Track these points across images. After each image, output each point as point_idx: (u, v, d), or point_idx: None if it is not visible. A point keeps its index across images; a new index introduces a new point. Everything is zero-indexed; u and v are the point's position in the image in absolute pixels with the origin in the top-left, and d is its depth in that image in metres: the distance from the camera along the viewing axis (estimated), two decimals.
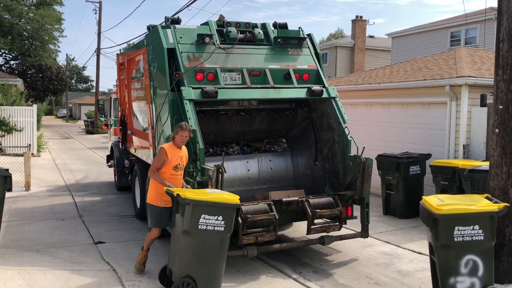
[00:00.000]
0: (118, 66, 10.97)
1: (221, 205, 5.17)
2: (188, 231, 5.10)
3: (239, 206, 5.37)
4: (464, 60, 10.74)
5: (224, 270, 6.22)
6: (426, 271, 6.21)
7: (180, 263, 5.23)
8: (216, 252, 5.23)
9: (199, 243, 5.15)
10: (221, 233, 5.16)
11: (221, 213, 5.13)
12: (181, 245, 5.19)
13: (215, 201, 5.18)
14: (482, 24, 21.66)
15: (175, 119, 6.62)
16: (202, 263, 5.22)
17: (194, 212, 5.06)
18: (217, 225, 5.14)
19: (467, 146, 9.15)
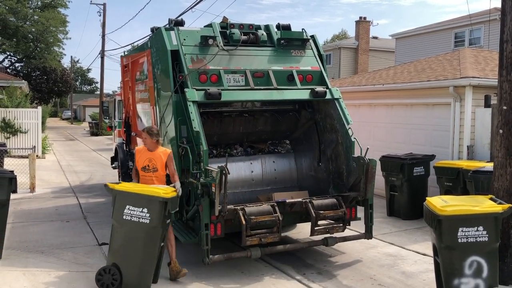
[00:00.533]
0: (122, 68, 11.00)
1: (145, 197, 5.31)
2: (115, 220, 5.38)
3: (166, 200, 5.32)
4: (468, 60, 10.72)
5: (227, 270, 6.26)
6: (430, 273, 6.20)
7: (109, 251, 5.53)
8: (141, 244, 5.33)
9: (124, 233, 5.36)
10: (146, 226, 5.26)
11: (146, 206, 5.26)
12: (111, 234, 5.50)
13: (138, 192, 5.34)
14: (487, 25, 21.58)
15: (178, 121, 6.64)
16: (127, 253, 5.38)
17: (118, 202, 5.34)
18: (142, 217, 5.28)
19: (471, 147, 9.13)
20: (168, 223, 5.65)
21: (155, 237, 5.36)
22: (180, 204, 6.90)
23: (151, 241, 5.36)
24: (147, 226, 5.26)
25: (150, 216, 5.26)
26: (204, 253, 5.86)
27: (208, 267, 6.18)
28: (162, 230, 5.45)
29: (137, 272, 5.37)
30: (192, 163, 6.26)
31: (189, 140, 6.54)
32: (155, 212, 5.27)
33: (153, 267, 5.50)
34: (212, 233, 6.00)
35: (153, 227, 5.30)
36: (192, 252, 7.03)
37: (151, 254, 5.40)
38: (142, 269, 5.38)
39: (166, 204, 5.34)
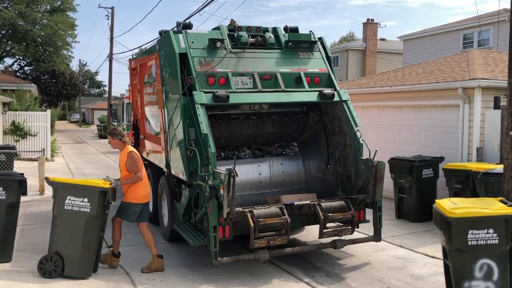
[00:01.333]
0: (131, 71, 11.07)
1: (85, 187, 5.86)
2: (56, 211, 5.90)
3: (105, 189, 5.88)
4: (477, 62, 10.65)
5: (235, 273, 6.26)
6: (440, 275, 6.16)
7: (52, 241, 5.95)
8: (82, 232, 5.85)
9: (65, 222, 5.87)
10: (87, 214, 5.82)
11: (86, 195, 5.81)
12: (52, 224, 5.99)
13: (79, 183, 5.92)
14: (496, 26, 21.46)
15: (187, 123, 6.66)
16: (69, 241, 5.86)
17: (59, 193, 5.87)
18: (82, 207, 5.83)
19: (481, 149, 9.06)
20: (106, 213, 6.16)
21: (94, 225, 5.91)
22: (188, 207, 6.95)
23: (91, 229, 5.89)
24: (88, 214, 5.82)
25: (91, 206, 5.81)
26: (213, 255, 5.86)
27: (216, 269, 6.19)
28: (101, 219, 5.99)
29: (78, 260, 5.87)
30: (200, 166, 6.28)
31: (197, 142, 6.56)
32: (95, 202, 5.81)
33: (94, 254, 5.98)
34: (220, 235, 6.00)
35: (93, 216, 5.84)
36: (201, 254, 7.04)
37: (91, 242, 5.91)
38: (83, 256, 5.89)
39: (105, 194, 5.88)
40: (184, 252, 7.28)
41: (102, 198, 5.86)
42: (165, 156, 7.73)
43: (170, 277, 6.15)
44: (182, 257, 7.09)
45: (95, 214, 5.84)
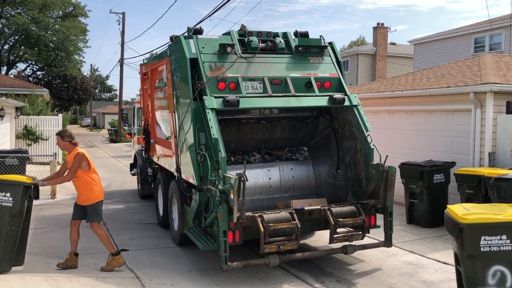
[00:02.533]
0: (142, 76, 11.14)
1: (8, 182, 6.17)
2: None
3: (27, 185, 6.22)
4: (488, 66, 10.57)
5: (245, 278, 6.26)
6: (452, 282, 6.10)
7: None
8: (5, 226, 6.10)
9: None
10: (9, 209, 6.12)
11: (8, 190, 6.11)
12: None
13: (1, 178, 6.25)
14: (507, 30, 21.30)
15: (197, 128, 6.69)
16: None
17: None
18: (4, 201, 6.12)
19: (493, 154, 8.97)
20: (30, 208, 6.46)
21: (16, 219, 6.18)
22: (198, 211, 6.97)
23: (13, 223, 6.16)
24: (9, 208, 6.10)
25: (13, 200, 6.11)
26: (223, 260, 5.86)
27: (226, 274, 6.19)
28: (23, 213, 6.27)
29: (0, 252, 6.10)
30: (210, 170, 6.29)
31: (207, 147, 6.58)
32: (17, 196, 6.11)
33: (14, 248, 6.20)
34: (230, 240, 6.00)
35: (14, 210, 6.12)
36: (211, 258, 7.04)
37: (13, 235, 6.16)
38: (4, 249, 6.13)
39: (27, 189, 6.22)
40: (194, 256, 7.29)
41: (24, 193, 6.19)
42: (176, 161, 7.76)
43: (180, 282, 6.16)
44: (192, 261, 7.10)
45: (17, 208, 6.13)
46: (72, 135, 6.72)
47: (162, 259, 7.17)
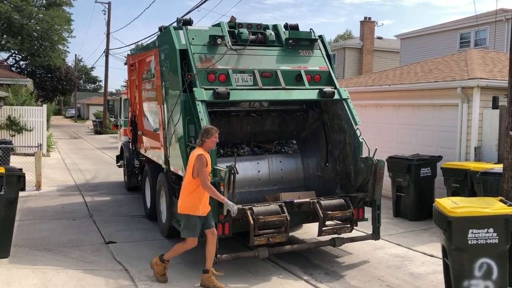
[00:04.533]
0: (129, 67, 11.02)
1: None
2: None
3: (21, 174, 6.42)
4: (475, 62, 10.68)
5: (234, 270, 6.27)
6: (438, 274, 6.19)
7: None
8: None
9: None
10: None
11: None
12: None
13: None
14: (492, 26, 21.53)
15: (187, 120, 6.64)
16: None
17: None
18: None
19: (479, 148, 9.09)
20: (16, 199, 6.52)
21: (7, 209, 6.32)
22: None
23: None
24: None
25: None
26: None
27: (215, 266, 6.16)
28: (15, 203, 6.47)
29: None
30: None
31: None
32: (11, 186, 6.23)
33: None
34: (220, 232, 6.00)
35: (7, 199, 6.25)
36: (199, 251, 6.99)
37: None
38: None
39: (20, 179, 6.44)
40: None
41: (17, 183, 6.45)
42: (164, 153, 7.71)
43: (169, 274, 6.13)
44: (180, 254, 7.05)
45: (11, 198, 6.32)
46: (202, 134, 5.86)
47: (151, 252, 7.12)
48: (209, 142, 5.70)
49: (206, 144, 5.69)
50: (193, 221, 5.63)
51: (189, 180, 5.60)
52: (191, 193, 5.61)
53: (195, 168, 5.51)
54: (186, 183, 5.66)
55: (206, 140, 5.67)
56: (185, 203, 5.65)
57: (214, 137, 5.72)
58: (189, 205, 5.62)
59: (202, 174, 5.49)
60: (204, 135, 5.69)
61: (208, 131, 5.70)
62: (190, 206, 5.61)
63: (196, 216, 5.62)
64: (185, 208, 5.64)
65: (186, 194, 5.65)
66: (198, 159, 5.51)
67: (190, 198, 5.62)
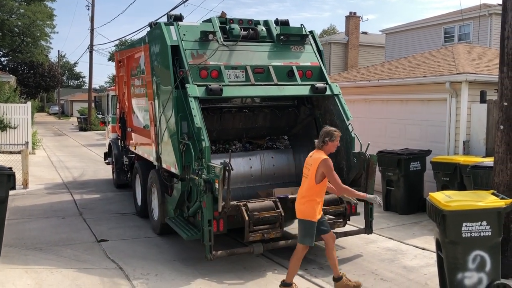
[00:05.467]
0: (117, 63, 10.91)
1: None
2: None
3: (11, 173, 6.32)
4: (462, 56, 10.81)
5: (229, 266, 6.28)
6: (431, 267, 6.28)
7: None
8: None
9: None
10: None
11: None
12: None
13: None
14: (476, 21, 21.80)
15: (179, 117, 6.60)
16: None
17: None
18: None
19: (467, 142, 9.22)
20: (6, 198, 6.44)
21: None
22: (180, 200, 6.91)
23: None
24: None
25: None
26: (207, 249, 5.84)
27: (210, 262, 6.18)
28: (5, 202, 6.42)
29: None
30: (194, 159, 6.24)
31: (190, 136, 6.51)
32: None
33: None
34: (215, 229, 5.99)
35: None
36: (193, 248, 7.02)
37: None
38: None
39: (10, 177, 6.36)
40: (176, 246, 7.25)
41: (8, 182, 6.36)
42: (156, 150, 7.65)
43: (164, 272, 6.12)
44: (174, 251, 7.06)
45: None
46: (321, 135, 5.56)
47: (144, 249, 7.10)
48: (332, 145, 5.41)
49: (328, 147, 5.39)
50: (313, 228, 5.39)
51: (312, 185, 5.30)
52: (312, 198, 5.34)
53: (319, 173, 5.23)
54: (307, 188, 5.36)
55: (329, 143, 5.37)
56: (307, 209, 5.35)
57: (337, 141, 5.44)
58: (311, 210, 5.33)
59: (333, 178, 5.25)
60: (327, 137, 5.36)
61: (331, 134, 5.38)
62: (312, 212, 5.34)
63: (315, 222, 5.39)
64: (307, 214, 5.36)
65: (307, 199, 5.37)
66: (324, 163, 5.20)
67: (311, 204, 5.34)
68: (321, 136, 5.41)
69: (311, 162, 5.34)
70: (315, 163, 5.25)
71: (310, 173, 5.30)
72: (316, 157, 5.30)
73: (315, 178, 5.26)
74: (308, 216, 5.35)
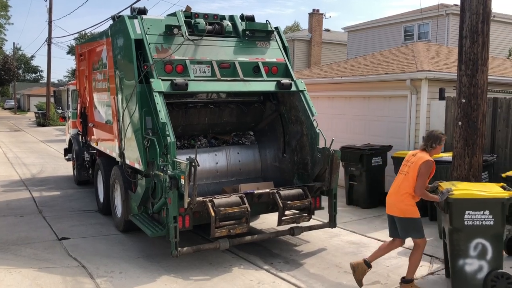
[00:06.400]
0: (77, 56, 10.62)
1: None
2: None
3: None
4: (422, 54, 11.12)
5: (195, 262, 6.26)
6: (393, 259, 6.47)
7: None
8: None
9: None
10: None
11: None
12: None
13: None
14: (434, 20, 22.47)
15: (143, 112, 6.50)
16: None
17: None
18: None
19: None
20: None
21: None
22: (145, 197, 6.82)
23: None
24: None
25: None
26: (173, 245, 5.80)
27: (176, 259, 6.13)
28: None
29: None
30: (159, 155, 6.16)
31: (154, 131, 6.42)
32: None
33: None
34: (180, 225, 5.94)
35: None
36: (158, 244, 6.95)
37: None
38: None
39: None
40: (140, 243, 7.15)
41: None
42: (119, 145, 7.51)
43: (129, 269, 6.03)
44: (138, 248, 6.96)
45: None
46: None
47: (107, 247, 6.97)
48: (438, 149, 5.49)
49: (435, 150, 5.47)
50: (419, 222, 5.38)
51: (413, 183, 5.31)
52: (413, 195, 5.35)
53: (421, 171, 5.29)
54: (407, 186, 5.34)
55: (437, 147, 5.44)
56: (407, 207, 5.34)
57: (442, 145, 5.53)
58: (413, 208, 5.34)
59: (422, 180, 5.28)
60: (436, 141, 5.41)
61: (440, 138, 5.43)
62: (414, 209, 5.34)
63: (419, 217, 5.37)
64: (409, 212, 5.33)
65: (409, 197, 5.34)
66: (426, 164, 5.27)
67: (413, 202, 5.35)
68: (430, 140, 5.45)
69: (414, 160, 5.39)
70: (419, 162, 5.31)
71: (411, 170, 5.33)
72: (421, 156, 5.36)
73: (416, 177, 5.30)
74: (411, 214, 5.33)
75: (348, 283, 5.75)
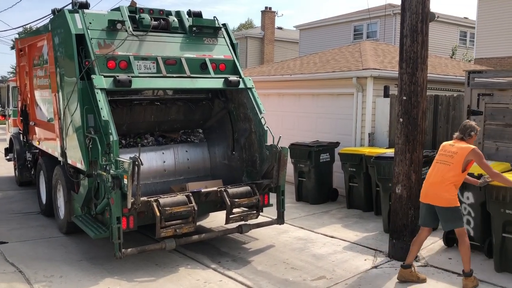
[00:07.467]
0: (17, 52, 10.14)
1: None
2: None
3: None
4: (368, 53, 11.38)
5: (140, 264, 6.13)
6: (339, 254, 6.59)
7: None
8: None
9: None
10: None
11: None
12: None
13: None
14: (382, 19, 23.14)
15: (85, 109, 6.28)
16: None
17: None
18: None
19: (372, 134, 9.74)
20: None
21: None
22: (87, 198, 6.59)
23: None
24: None
25: None
26: (116, 247, 5.64)
27: (120, 261, 5.98)
28: None
29: None
30: (101, 154, 5.96)
31: (96, 129, 6.22)
32: None
33: None
34: (124, 226, 5.78)
35: None
36: (102, 246, 6.74)
37: None
38: None
39: None
40: (84, 245, 6.92)
41: None
42: (60, 145, 7.23)
43: (70, 272, 5.81)
44: (82, 250, 6.73)
45: None
46: None
47: (49, 250, 6.69)
48: (475, 137, 5.63)
49: (472, 139, 5.59)
50: (459, 211, 5.52)
51: (458, 173, 5.41)
52: (457, 185, 5.48)
53: (466, 162, 5.39)
54: (453, 176, 5.40)
55: (474, 136, 5.58)
56: (451, 196, 5.41)
57: (477, 134, 5.71)
58: (455, 197, 5.44)
59: (485, 165, 5.43)
60: (473, 129, 5.55)
61: (475, 128, 5.59)
62: (456, 198, 5.45)
63: (459, 206, 5.51)
64: (453, 201, 5.42)
65: (454, 187, 5.43)
66: (474, 152, 5.36)
67: (455, 191, 5.46)
68: (467, 129, 5.58)
69: (455, 150, 5.47)
70: (463, 152, 5.40)
71: (455, 161, 5.41)
72: (464, 146, 5.45)
73: (461, 167, 5.40)
74: (455, 203, 5.43)
75: (294, 279, 5.79)
